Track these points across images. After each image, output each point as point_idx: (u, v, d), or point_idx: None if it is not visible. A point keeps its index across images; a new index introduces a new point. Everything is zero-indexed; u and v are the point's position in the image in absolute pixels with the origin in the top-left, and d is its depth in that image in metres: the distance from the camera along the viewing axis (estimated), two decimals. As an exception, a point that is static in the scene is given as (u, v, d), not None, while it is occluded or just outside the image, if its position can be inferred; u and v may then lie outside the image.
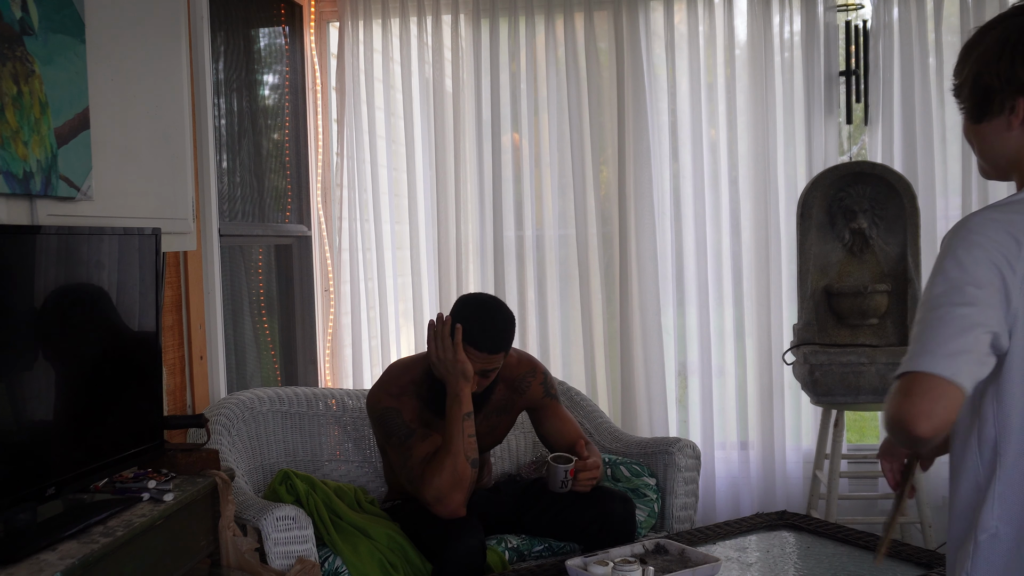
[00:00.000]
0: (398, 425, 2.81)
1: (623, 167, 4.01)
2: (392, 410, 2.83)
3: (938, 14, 3.88)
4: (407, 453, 2.77)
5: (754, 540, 2.79)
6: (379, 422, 2.86)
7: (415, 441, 2.77)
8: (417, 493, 2.73)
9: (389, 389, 2.88)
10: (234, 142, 3.67)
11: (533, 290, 4.10)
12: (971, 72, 1.43)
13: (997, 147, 1.43)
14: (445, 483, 2.67)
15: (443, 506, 2.68)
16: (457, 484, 2.69)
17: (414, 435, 2.78)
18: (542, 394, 2.99)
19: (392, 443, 2.81)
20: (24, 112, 2.10)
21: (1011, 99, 1.39)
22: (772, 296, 3.98)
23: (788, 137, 4.00)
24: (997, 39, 1.40)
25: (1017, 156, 1.42)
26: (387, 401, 2.85)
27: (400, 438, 2.79)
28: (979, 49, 1.42)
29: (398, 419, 2.82)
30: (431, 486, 2.68)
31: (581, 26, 4.03)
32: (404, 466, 2.77)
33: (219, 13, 3.49)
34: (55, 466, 1.98)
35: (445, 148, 4.10)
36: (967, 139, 1.49)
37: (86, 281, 2.13)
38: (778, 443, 3.98)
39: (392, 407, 2.83)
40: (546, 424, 3.00)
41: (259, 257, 3.93)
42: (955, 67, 1.48)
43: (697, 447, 3.30)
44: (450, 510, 2.69)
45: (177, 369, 3.07)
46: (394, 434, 2.80)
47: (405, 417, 2.81)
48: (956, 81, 1.48)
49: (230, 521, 2.39)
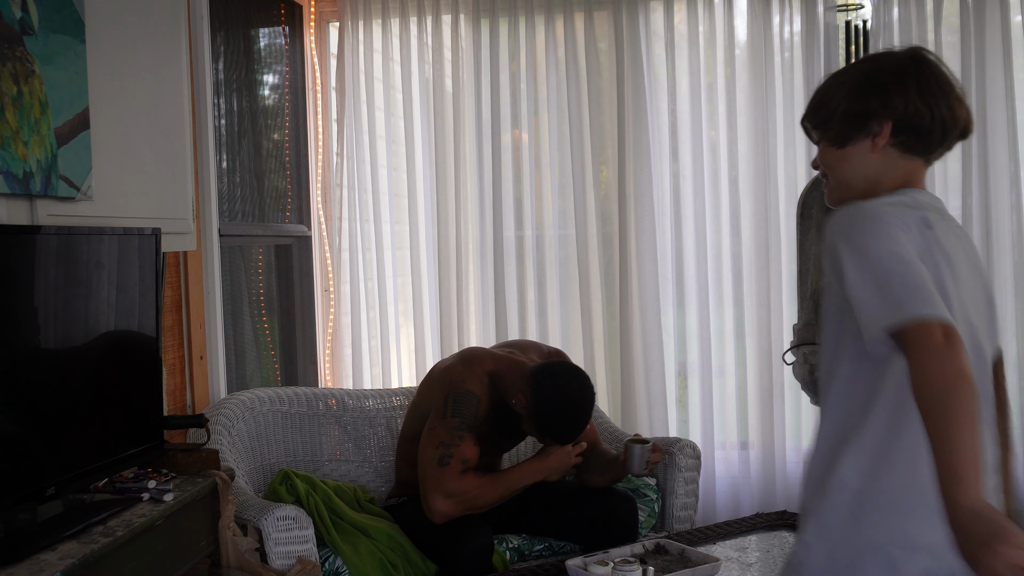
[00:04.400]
0: (471, 413, 2.76)
1: (623, 167, 4.01)
2: (475, 396, 2.79)
3: (938, 14, 3.88)
4: (457, 440, 2.71)
5: (754, 540, 2.79)
6: (455, 398, 2.78)
7: (469, 440, 2.73)
8: (437, 476, 2.69)
9: (478, 375, 2.83)
10: (234, 142, 3.67)
11: (533, 290, 4.10)
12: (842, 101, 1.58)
13: (859, 169, 1.57)
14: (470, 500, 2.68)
15: (445, 505, 2.67)
16: (470, 508, 2.70)
17: (472, 433, 2.75)
18: None
19: (450, 422, 2.74)
20: (24, 112, 2.10)
21: (878, 123, 1.54)
22: (772, 296, 3.98)
23: (788, 137, 4.00)
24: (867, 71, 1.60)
25: (876, 177, 1.56)
26: (475, 386, 2.80)
27: (460, 423, 2.74)
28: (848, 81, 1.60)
29: (474, 408, 2.77)
30: (461, 486, 2.67)
31: (581, 26, 4.03)
32: (445, 445, 2.71)
33: (219, 13, 3.49)
34: (55, 466, 1.98)
35: (445, 148, 4.10)
36: (823, 166, 1.63)
37: (86, 281, 2.13)
38: (778, 443, 3.98)
39: (476, 394, 2.79)
40: None
41: (259, 257, 3.93)
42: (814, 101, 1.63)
43: (697, 447, 3.30)
44: (441, 511, 2.68)
45: (177, 369, 3.07)
46: (460, 416, 2.74)
47: (480, 411, 2.78)
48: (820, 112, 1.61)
49: (230, 521, 2.39)
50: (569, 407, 2.76)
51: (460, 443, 2.71)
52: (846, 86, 1.59)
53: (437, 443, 2.73)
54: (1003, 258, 3.83)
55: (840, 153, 1.60)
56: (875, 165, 1.57)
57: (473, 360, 2.88)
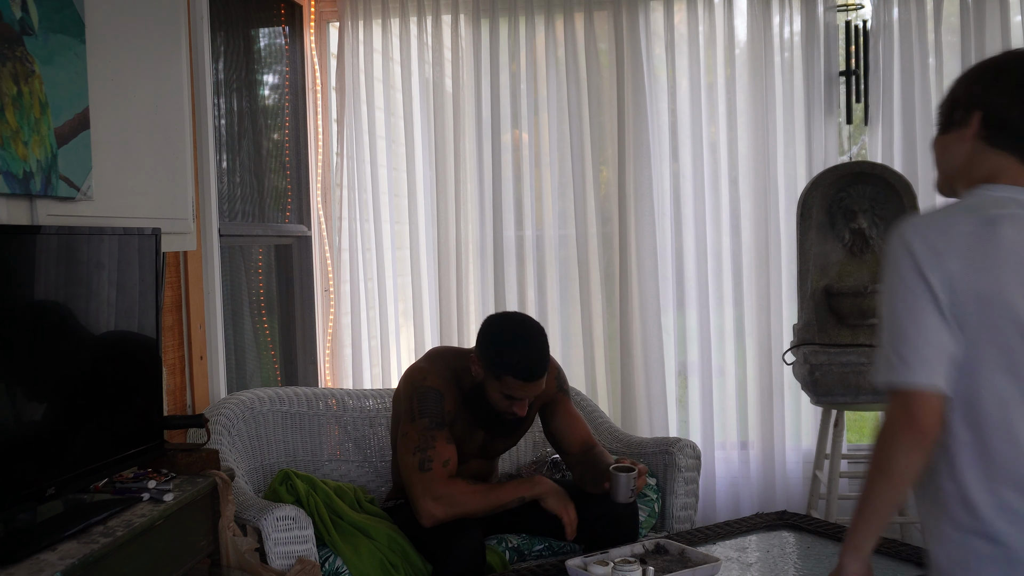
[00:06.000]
0: (436, 410, 2.73)
1: (623, 167, 4.01)
2: (437, 392, 2.75)
3: (938, 14, 3.88)
4: (431, 442, 2.69)
5: (754, 540, 2.79)
6: (419, 397, 2.75)
7: (442, 439, 2.70)
8: (422, 481, 2.66)
9: (441, 371, 2.80)
10: (234, 142, 3.67)
11: (533, 290, 4.10)
12: (953, 89, 1.62)
13: (951, 157, 1.61)
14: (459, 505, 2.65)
15: (434, 507, 2.64)
16: (455, 514, 2.66)
17: (444, 430, 2.71)
18: (555, 388, 2.95)
19: (420, 424, 2.71)
20: (24, 112, 2.10)
21: (969, 113, 1.56)
22: (772, 296, 3.98)
23: (788, 137, 4.00)
24: (982, 63, 1.62)
25: (964, 167, 1.59)
26: (435, 381, 2.77)
27: (430, 423, 2.71)
28: (967, 72, 1.63)
29: (439, 404, 2.73)
30: (448, 490, 2.64)
31: (581, 26, 4.03)
32: (421, 450, 2.68)
33: (219, 13, 3.49)
34: (55, 466, 1.98)
35: (445, 148, 4.10)
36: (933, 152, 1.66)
37: (86, 281, 2.13)
38: (778, 443, 3.98)
39: (438, 389, 2.76)
40: (556, 421, 2.96)
41: (259, 257, 3.93)
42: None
43: (697, 447, 3.30)
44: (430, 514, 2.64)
45: (177, 369, 3.07)
46: (427, 415, 2.72)
47: (447, 406, 2.75)
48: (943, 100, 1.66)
49: (230, 521, 2.39)
50: (516, 330, 2.72)
51: (435, 444, 2.69)
52: (963, 76, 1.62)
53: (413, 448, 2.70)
54: (1003, 258, 3.82)
55: (941, 140, 1.63)
56: (964, 155, 1.58)
57: (435, 357, 2.89)
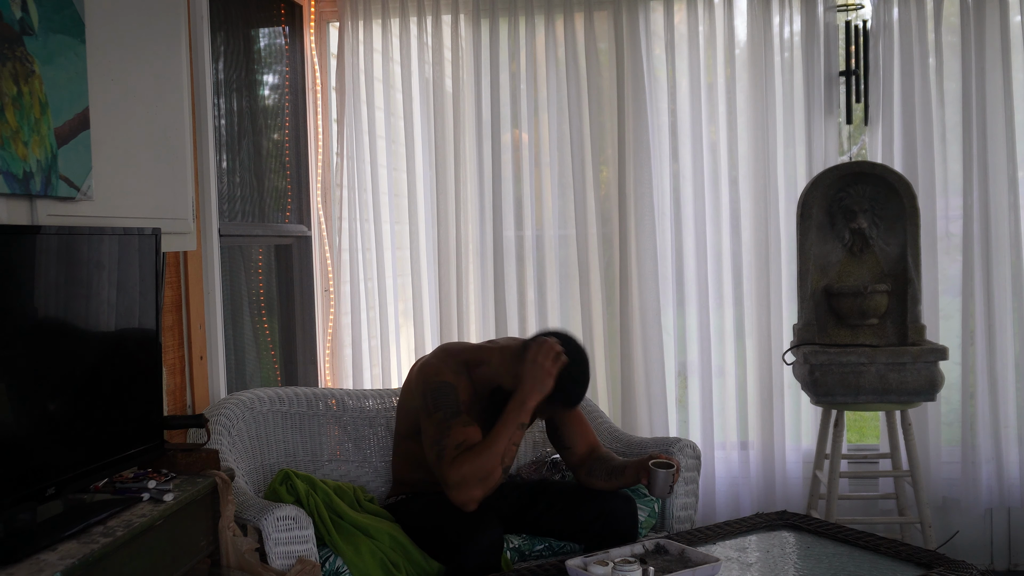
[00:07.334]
0: (451, 402, 2.79)
1: (623, 167, 4.01)
2: (450, 385, 2.82)
3: (938, 14, 3.88)
4: (447, 431, 2.74)
5: (754, 540, 2.79)
6: (432, 393, 2.82)
7: (459, 424, 2.75)
8: (441, 473, 2.71)
9: (451, 365, 2.87)
10: (234, 142, 3.67)
11: (533, 290, 4.10)
12: None
13: None
14: (474, 474, 2.66)
15: (462, 494, 2.66)
16: (484, 480, 2.67)
17: (460, 417, 2.76)
18: None
19: (435, 418, 2.78)
20: (24, 112, 2.10)
21: None
22: (772, 296, 3.98)
23: (788, 137, 4.00)
24: None
25: None
26: (448, 376, 2.84)
27: (446, 414, 2.76)
28: None
29: (453, 395, 2.80)
30: (459, 471, 2.67)
31: (581, 26, 4.03)
32: (438, 443, 2.74)
33: (219, 13, 3.49)
34: (55, 466, 1.98)
35: (445, 148, 4.10)
36: None
37: (86, 281, 2.13)
38: (778, 443, 3.98)
39: (451, 382, 2.82)
40: (566, 427, 2.99)
41: (259, 257, 3.93)
42: None
43: (697, 447, 3.29)
44: (464, 500, 2.67)
45: (177, 369, 3.07)
46: (443, 408, 2.78)
47: (461, 396, 2.80)
48: None
49: (230, 521, 2.39)
50: (584, 367, 2.79)
51: (449, 432, 2.74)
52: None
53: (431, 443, 2.76)
54: (1002, 258, 3.83)
55: None
56: None
57: (446, 352, 2.94)
